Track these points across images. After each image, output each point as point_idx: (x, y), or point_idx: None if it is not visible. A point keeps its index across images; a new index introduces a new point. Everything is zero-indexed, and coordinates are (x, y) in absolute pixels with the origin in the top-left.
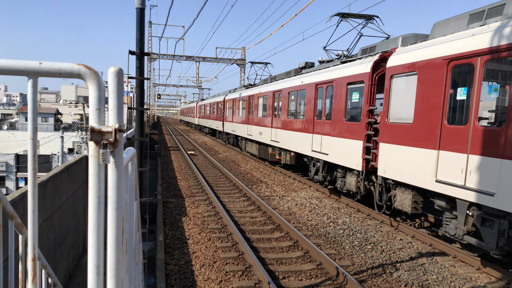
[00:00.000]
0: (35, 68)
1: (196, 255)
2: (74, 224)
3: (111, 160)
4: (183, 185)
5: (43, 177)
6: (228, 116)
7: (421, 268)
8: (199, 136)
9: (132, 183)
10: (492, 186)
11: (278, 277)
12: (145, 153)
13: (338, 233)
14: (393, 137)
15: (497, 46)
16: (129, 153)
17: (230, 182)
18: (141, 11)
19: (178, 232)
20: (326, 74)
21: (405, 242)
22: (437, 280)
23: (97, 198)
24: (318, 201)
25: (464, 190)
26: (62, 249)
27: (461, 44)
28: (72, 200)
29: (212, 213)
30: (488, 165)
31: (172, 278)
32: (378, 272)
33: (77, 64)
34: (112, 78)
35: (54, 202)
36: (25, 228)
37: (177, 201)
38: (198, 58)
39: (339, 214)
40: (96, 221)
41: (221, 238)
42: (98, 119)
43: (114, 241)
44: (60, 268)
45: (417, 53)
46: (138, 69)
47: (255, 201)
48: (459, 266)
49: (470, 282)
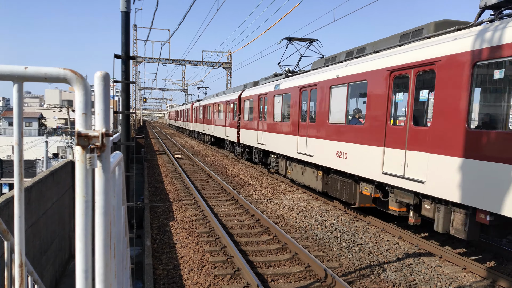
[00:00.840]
0: (21, 73)
1: (184, 259)
2: (60, 229)
3: (98, 164)
4: (170, 189)
5: (28, 183)
6: (250, 121)
7: (408, 268)
8: (186, 140)
9: (120, 187)
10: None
11: (267, 280)
12: (131, 157)
13: (326, 235)
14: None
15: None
16: (116, 157)
17: (218, 186)
18: (126, 15)
19: (165, 237)
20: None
21: (392, 243)
22: (424, 280)
23: (84, 203)
24: (305, 203)
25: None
26: (48, 255)
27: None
28: (57, 206)
29: (200, 217)
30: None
31: (160, 283)
32: (366, 273)
33: (63, 68)
34: (98, 83)
35: (39, 208)
36: (11, 235)
37: (165, 205)
38: (184, 62)
39: (327, 216)
40: (83, 226)
41: (209, 242)
42: (85, 124)
43: (102, 246)
44: (46, 274)
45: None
46: (123, 73)
47: (243, 204)
48: (445, 266)
49: (456, 282)
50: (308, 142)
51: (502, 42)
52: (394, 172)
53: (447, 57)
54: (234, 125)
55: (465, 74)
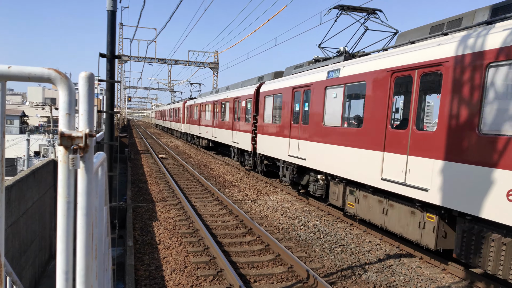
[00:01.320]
0: (4, 72)
1: (166, 260)
2: (41, 229)
3: (81, 165)
4: (154, 189)
5: (8, 181)
6: (275, 124)
7: (389, 269)
8: (170, 140)
9: (102, 188)
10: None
11: (249, 281)
12: (114, 156)
13: (309, 236)
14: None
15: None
16: (99, 157)
17: (202, 186)
18: (112, 14)
19: (148, 237)
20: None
21: (374, 244)
22: (404, 281)
23: (66, 204)
24: (289, 204)
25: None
26: (28, 255)
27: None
28: (38, 205)
29: (183, 217)
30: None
31: (142, 284)
32: (348, 274)
33: (47, 68)
34: (83, 83)
35: (19, 207)
36: None
37: (148, 205)
38: (170, 61)
39: (310, 217)
40: (65, 227)
41: (193, 242)
42: (68, 124)
43: (84, 247)
44: (26, 275)
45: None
46: (108, 72)
47: (227, 205)
48: (425, 267)
49: (435, 283)
50: (412, 163)
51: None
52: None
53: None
54: (247, 129)
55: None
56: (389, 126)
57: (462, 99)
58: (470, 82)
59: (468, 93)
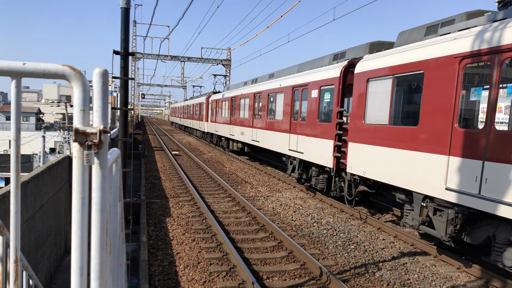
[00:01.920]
0: (19, 68)
1: (180, 255)
2: (56, 224)
3: (96, 161)
4: (167, 186)
5: (24, 177)
6: (401, 132)
7: (403, 267)
8: (184, 137)
9: (116, 184)
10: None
11: (262, 277)
12: (128, 153)
13: (322, 233)
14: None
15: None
16: (114, 154)
17: (215, 183)
18: (126, 11)
19: (161, 233)
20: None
21: (388, 242)
22: (418, 279)
23: (81, 200)
24: (302, 201)
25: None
26: (43, 250)
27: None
28: (53, 201)
29: (196, 213)
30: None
31: (155, 279)
32: (361, 272)
33: (62, 65)
34: (97, 79)
35: (35, 203)
36: (6, 230)
37: (161, 201)
38: (183, 58)
39: (323, 215)
40: (80, 222)
41: (206, 238)
42: (83, 120)
43: (98, 243)
44: (41, 269)
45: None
46: (122, 69)
47: (239, 202)
48: (440, 266)
49: (450, 281)
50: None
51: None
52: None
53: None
54: (323, 133)
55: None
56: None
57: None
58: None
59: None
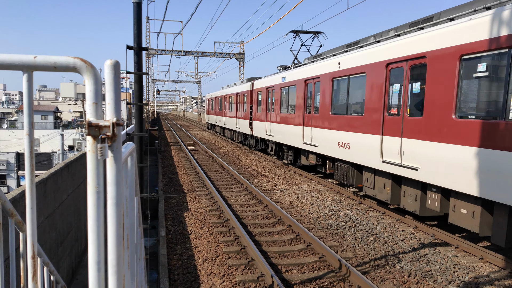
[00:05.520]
0: (30, 62)
1: (198, 249)
2: (76, 221)
3: (110, 154)
4: (184, 180)
5: (43, 175)
6: None
7: (424, 258)
8: (199, 131)
9: (132, 178)
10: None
11: (281, 270)
12: (145, 149)
13: (340, 225)
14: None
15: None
16: (128, 147)
17: (231, 177)
18: (138, 5)
19: (180, 227)
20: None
21: (407, 233)
22: (440, 270)
23: (96, 194)
24: (319, 193)
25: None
26: (64, 246)
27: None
28: (73, 197)
29: (213, 207)
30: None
31: (175, 273)
32: (381, 264)
33: (73, 57)
34: (108, 71)
35: (55, 200)
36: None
37: (179, 196)
38: (196, 53)
39: (341, 207)
40: (95, 217)
41: (223, 232)
42: (95, 113)
43: (115, 237)
44: (63, 265)
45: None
46: (136, 64)
47: (256, 195)
48: (462, 256)
49: (473, 272)
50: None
51: None
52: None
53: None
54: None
55: None
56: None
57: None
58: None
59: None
